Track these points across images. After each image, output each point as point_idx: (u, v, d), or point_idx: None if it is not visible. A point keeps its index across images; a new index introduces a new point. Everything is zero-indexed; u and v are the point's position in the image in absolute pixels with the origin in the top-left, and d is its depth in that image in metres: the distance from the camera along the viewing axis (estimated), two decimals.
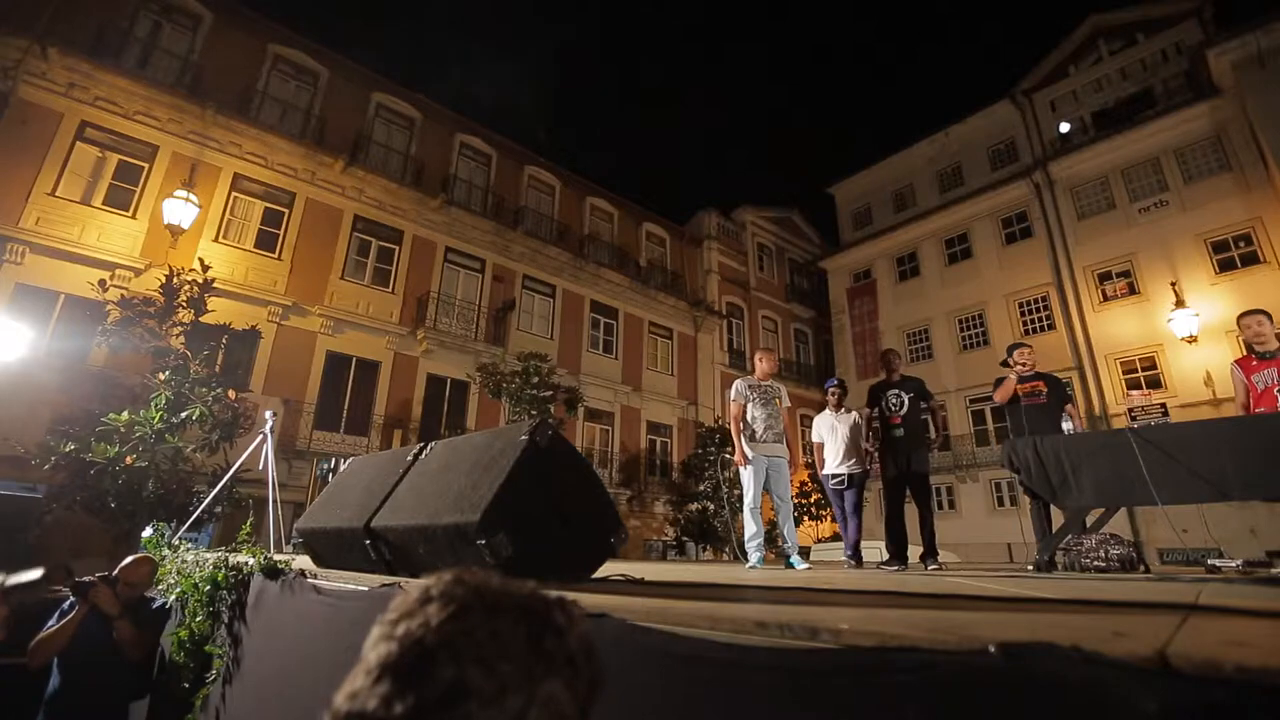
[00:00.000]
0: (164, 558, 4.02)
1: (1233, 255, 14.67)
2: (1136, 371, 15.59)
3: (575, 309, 18.36)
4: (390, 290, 14.91)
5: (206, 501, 6.23)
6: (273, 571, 2.52)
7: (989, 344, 18.51)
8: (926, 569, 4.46)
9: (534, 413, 12.63)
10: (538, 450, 1.95)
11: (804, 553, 4.71)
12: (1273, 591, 2.03)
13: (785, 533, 4.63)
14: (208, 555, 3.47)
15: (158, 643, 3.35)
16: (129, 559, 3.38)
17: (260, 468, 5.94)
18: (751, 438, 4.74)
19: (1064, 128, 18.56)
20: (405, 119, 16.51)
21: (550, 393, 13.39)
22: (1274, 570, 3.15)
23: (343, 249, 14.34)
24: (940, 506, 17.65)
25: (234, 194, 13.07)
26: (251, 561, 2.69)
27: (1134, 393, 14.97)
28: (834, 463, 5.44)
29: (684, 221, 23.26)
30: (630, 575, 2.22)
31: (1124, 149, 16.78)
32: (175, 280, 7.93)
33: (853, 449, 5.42)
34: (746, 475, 4.66)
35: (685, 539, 15.79)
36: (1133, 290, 16.10)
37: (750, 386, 4.89)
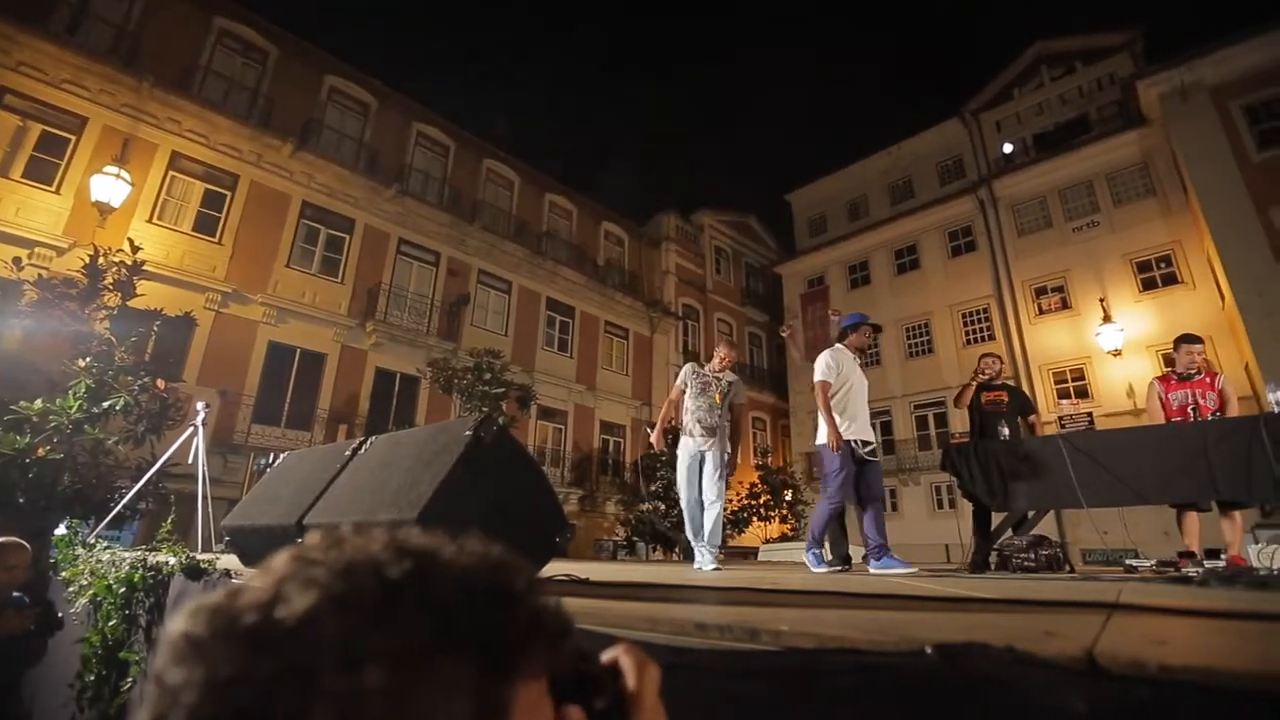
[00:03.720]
0: (77, 557, 3.76)
1: (1155, 275, 15.63)
2: (1067, 382, 16.42)
3: (531, 306, 18.14)
4: (339, 280, 14.39)
5: (129, 497, 5.85)
6: (195, 572, 2.37)
7: (934, 352, 19.20)
8: (870, 569, 4.56)
9: (485, 409, 12.40)
10: (482, 446, 1.89)
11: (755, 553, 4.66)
12: (1184, 590, 2.14)
13: (705, 528, 4.20)
14: (125, 555, 3.25)
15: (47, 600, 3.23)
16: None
17: (190, 461, 5.64)
18: (682, 428, 4.46)
19: (1007, 148, 19.44)
20: (360, 104, 15.97)
21: (503, 390, 13.17)
22: (1184, 570, 3.36)
23: (289, 236, 13.76)
24: None
25: (171, 173, 12.35)
26: (172, 561, 2.53)
27: (1064, 401, 15.75)
28: (864, 427, 4.16)
29: (643, 222, 23.28)
30: (575, 575, 2.18)
31: (1061, 171, 17.68)
32: (101, 260, 7.42)
33: None
34: (679, 469, 4.36)
35: (636, 539, 15.80)
36: (1065, 305, 16.96)
37: (695, 373, 4.61)
